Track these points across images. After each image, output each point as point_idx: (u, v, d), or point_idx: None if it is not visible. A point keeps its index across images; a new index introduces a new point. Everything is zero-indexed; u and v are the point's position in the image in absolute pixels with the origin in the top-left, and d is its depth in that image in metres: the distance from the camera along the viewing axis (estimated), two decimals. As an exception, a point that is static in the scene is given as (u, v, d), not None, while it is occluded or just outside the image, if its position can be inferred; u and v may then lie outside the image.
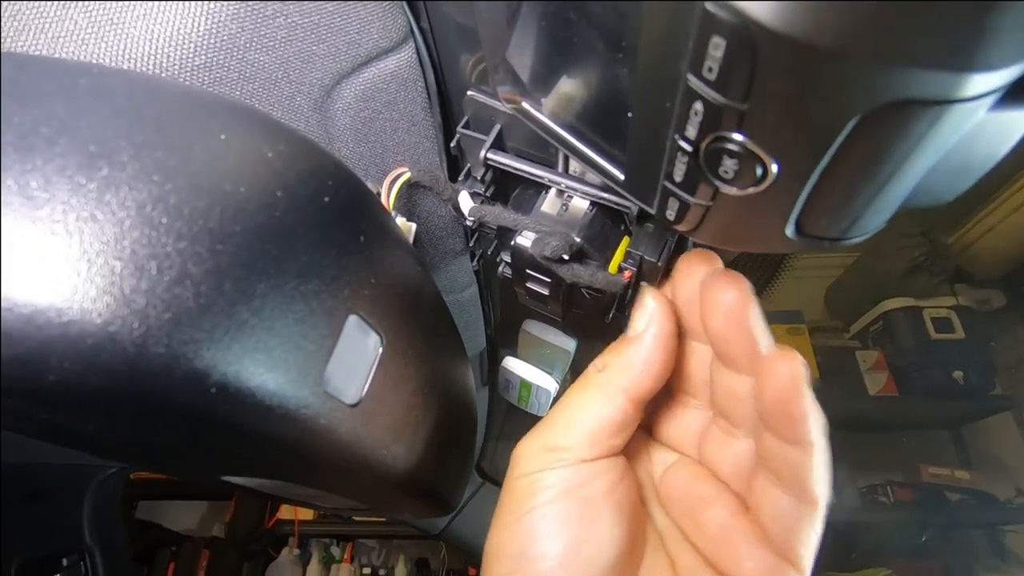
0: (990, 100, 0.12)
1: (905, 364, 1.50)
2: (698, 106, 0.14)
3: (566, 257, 0.27)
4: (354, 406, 0.18)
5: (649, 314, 0.22)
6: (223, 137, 0.15)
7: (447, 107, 0.30)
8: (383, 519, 1.47)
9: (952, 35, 0.10)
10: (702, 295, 0.20)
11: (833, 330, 1.71)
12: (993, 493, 1.46)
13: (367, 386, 0.18)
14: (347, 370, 0.17)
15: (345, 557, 1.55)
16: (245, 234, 0.14)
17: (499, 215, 0.28)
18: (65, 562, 0.44)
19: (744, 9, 0.11)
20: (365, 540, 1.63)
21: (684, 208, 0.17)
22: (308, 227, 0.15)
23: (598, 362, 0.23)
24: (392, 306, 0.19)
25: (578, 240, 0.28)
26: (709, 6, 0.12)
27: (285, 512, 1.52)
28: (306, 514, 1.53)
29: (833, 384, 1.51)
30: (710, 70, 0.13)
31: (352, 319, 0.17)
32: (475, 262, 0.40)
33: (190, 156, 0.14)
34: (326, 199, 0.16)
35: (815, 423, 0.18)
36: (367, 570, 1.54)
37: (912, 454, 1.58)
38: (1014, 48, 0.11)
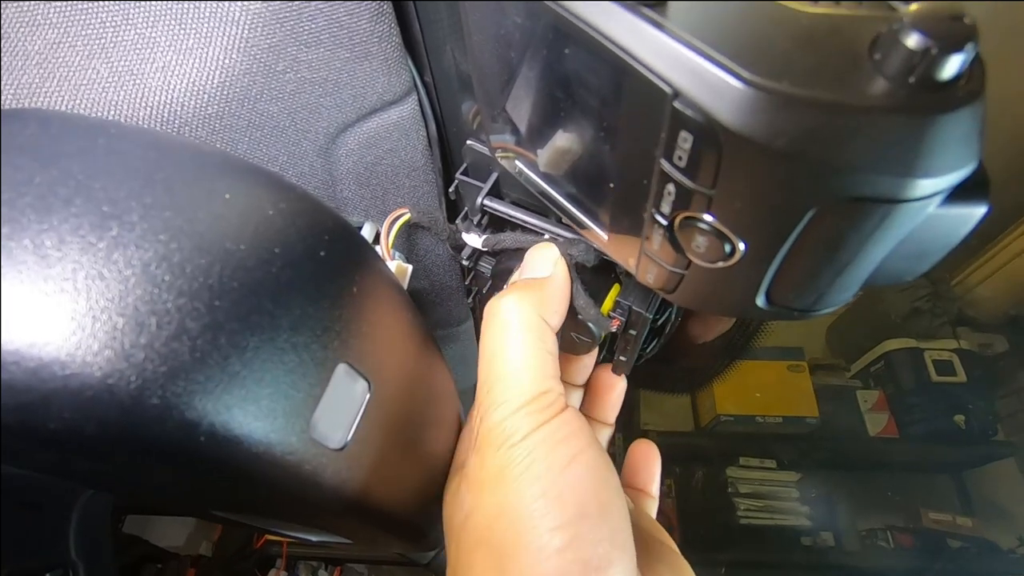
0: (938, 199, 0.13)
1: (906, 406, 1.49)
2: (671, 187, 0.15)
3: (589, 264, 0.27)
4: (339, 450, 0.18)
5: (555, 259, 0.25)
6: (227, 196, 0.16)
7: (447, 154, 0.31)
8: (371, 544, 1.45)
9: (898, 145, 0.11)
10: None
11: (834, 368, 1.71)
12: (995, 541, 1.43)
13: (353, 431, 0.19)
14: (334, 416, 0.18)
15: (333, 580, 1.53)
16: (242, 290, 0.15)
17: (517, 238, 0.29)
18: None
19: (708, 109, 0.12)
20: (354, 565, 1.61)
21: (661, 274, 0.18)
22: (303, 281, 0.16)
23: (508, 305, 0.23)
24: (380, 353, 0.20)
25: (598, 254, 0.28)
26: (678, 104, 0.13)
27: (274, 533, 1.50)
28: (295, 535, 1.51)
29: (833, 423, 1.50)
30: (680, 158, 0.14)
31: (341, 367, 0.18)
32: (470, 299, 0.41)
33: (195, 216, 0.15)
34: (322, 253, 0.17)
35: None
36: (355, 595, 1.51)
37: (913, 498, 1.56)
38: (955, 157, 0.12)
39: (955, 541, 1.45)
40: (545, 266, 0.25)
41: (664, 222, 0.16)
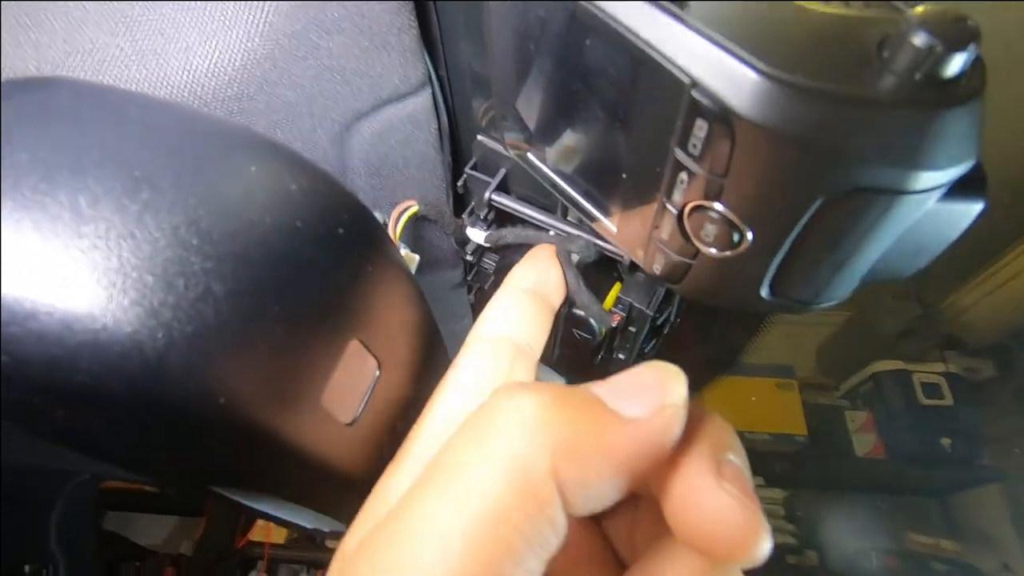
0: (937, 193, 0.13)
1: (893, 427, 1.51)
2: (683, 176, 0.15)
3: (589, 260, 0.27)
4: (349, 425, 0.19)
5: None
6: (253, 169, 0.16)
7: (457, 148, 0.31)
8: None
9: (904, 138, 0.12)
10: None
11: (823, 387, 1.72)
12: (979, 566, 1.44)
13: (362, 407, 0.19)
14: (345, 391, 0.18)
15: (315, 585, 1.51)
16: (266, 259, 0.15)
17: (519, 234, 0.29)
18: (28, 569, 0.43)
19: (724, 99, 0.13)
20: (337, 568, 1.59)
21: (669, 263, 0.18)
22: (322, 256, 0.17)
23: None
24: (391, 333, 0.21)
25: (597, 251, 0.28)
26: (695, 94, 0.13)
27: (257, 534, 1.48)
28: (278, 537, 1.49)
29: (820, 443, 1.51)
30: (694, 147, 0.14)
31: (353, 343, 0.18)
32: (471, 295, 0.42)
33: (223, 186, 0.15)
34: (340, 231, 0.18)
35: None
36: (336, 600, 1.49)
37: (898, 520, 1.57)
38: (956, 151, 0.12)
39: (939, 564, 1.46)
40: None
41: (674, 210, 0.16)
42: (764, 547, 0.12)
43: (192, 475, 0.18)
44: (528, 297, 0.21)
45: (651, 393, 0.13)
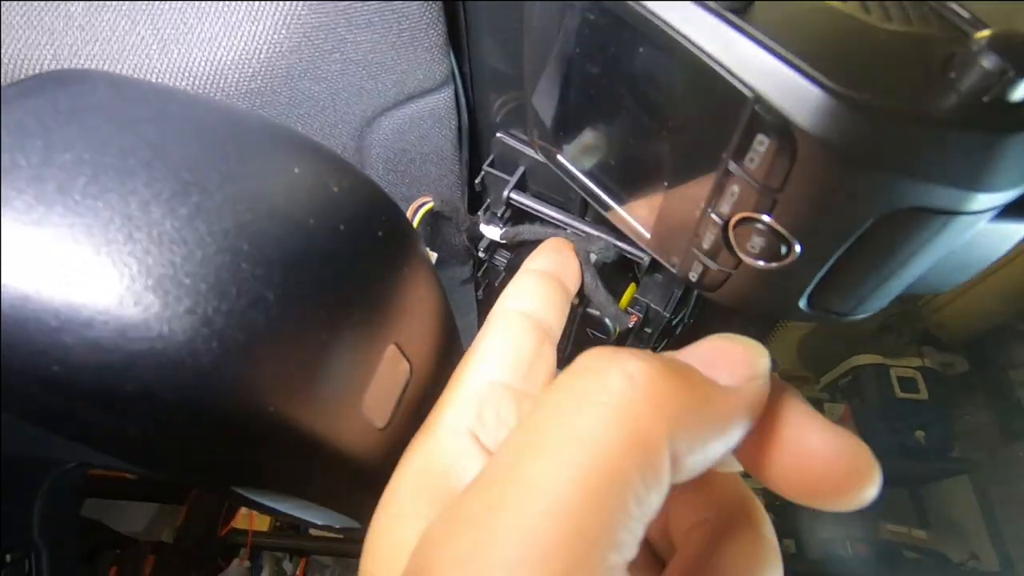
0: (991, 214, 0.13)
1: (870, 420, 1.54)
2: (735, 188, 0.15)
3: (608, 261, 0.27)
4: (382, 429, 0.18)
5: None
6: (297, 171, 0.16)
7: (475, 146, 0.31)
8: (340, 536, 1.43)
9: (967, 159, 0.12)
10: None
11: (804, 380, 1.75)
12: (947, 554, 1.49)
13: (394, 411, 0.19)
14: (381, 395, 0.18)
15: (297, 573, 1.50)
16: (314, 264, 0.15)
17: (536, 231, 0.29)
18: (8, 558, 0.42)
19: (789, 114, 0.13)
20: (319, 557, 1.58)
21: (708, 273, 0.18)
22: (364, 259, 0.17)
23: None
24: (422, 335, 0.20)
25: (617, 251, 0.28)
26: (758, 108, 0.13)
27: (239, 521, 1.47)
28: (261, 525, 1.48)
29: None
30: (752, 160, 0.14)
31: (391, 348, 0.18)
32: (479, 292, 0.41)
33: (270, 188, 0.15)
34: (380, 233, 0.17)
35: None
36: (319, 588, 1.48)
37: (872, 510, 1.61)
38: (1015, 174, 0.13)
39: (910, 553, 1.51)
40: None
41: (720, 221, 0.16)
42: (878, 480, 0.12)
43: (225, 479, 0.18)
44: (549, 279, 0.21)
45: (741, 365, 0.13)
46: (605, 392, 0.12)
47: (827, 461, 0.13)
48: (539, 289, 0.21)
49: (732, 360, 0.13)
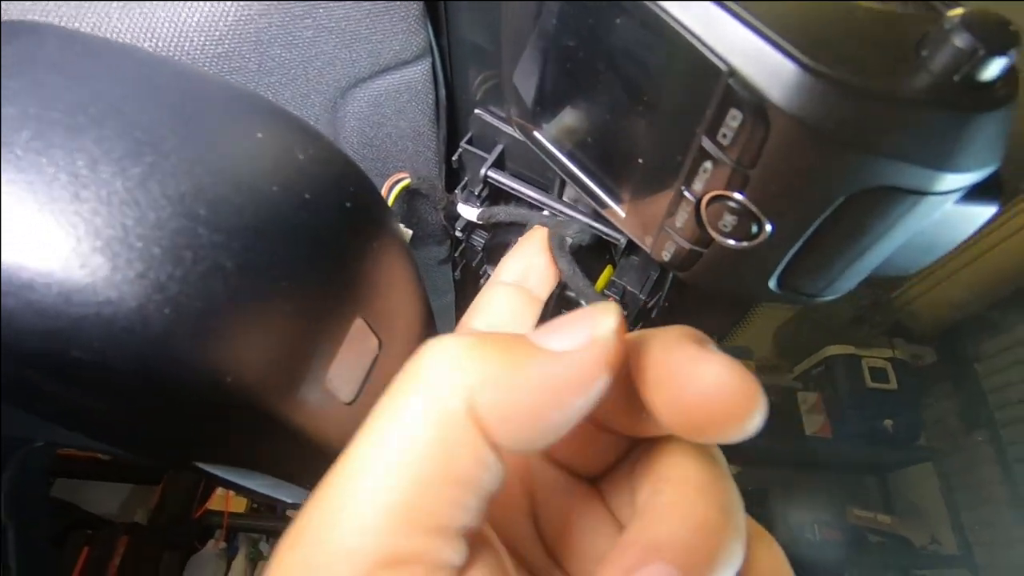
0: (957, 195, 0.13)
1: (841, 408, 1.58)
2: (708, 165, 0.15)
3: (584, 243, 0.27)
4: (349, 404, 0.18)
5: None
6: (260, 136, 0.15)
7: (453, 122, 0.31)
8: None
9: (936, 139, 0.12)
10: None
11: (778, 369, 1.78)
12: (910, 538, 1.54)
13: (362, 386, 0.19)
14: (348, 370, 0.18)
15: (275, 554, 1.50)
16: (277, 233, 0.14)
17: (512, 212, 0.29)
18: None
19: (763, 89, 0.13)
20: (298, 538, 1.58)
21: (680, 252, 0.18)
22: (330, 230, 0.16)
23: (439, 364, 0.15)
24: (391, 310, 0.20)
25: (593, 233, 0.28)
26: (732, 82, 0.13)
27: (215, 502, 1.45)
28: (237, 506, 1.47)
29: (773, 422, 1.57)
30: (724, 136, 0.14)
31: (358, 322, 0.18)
32: (456, 272, 0.41)
33: (230, 153, 0.14)
34: (348, 205, 0.17)
35: None
36: (296, 569, 1.48)
37: (840, 495, 1.66)
38: (982, 156, 0.13)
39: (875, 536, 1.56)
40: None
41: (693, 199, 0.16)
42: (763, 409, 0.12)
43: (184, 452, 0.18)
44: (516, 294, 0.21)
45: (581, 327, 0.12)
46: (416, 378, 0.12)
47: (721, 392, 0.12)
48: (507, 307, 0.20)
49: (573, 324, 0.13)
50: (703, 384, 0.12)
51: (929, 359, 1.67)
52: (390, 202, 0.30)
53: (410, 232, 0.29)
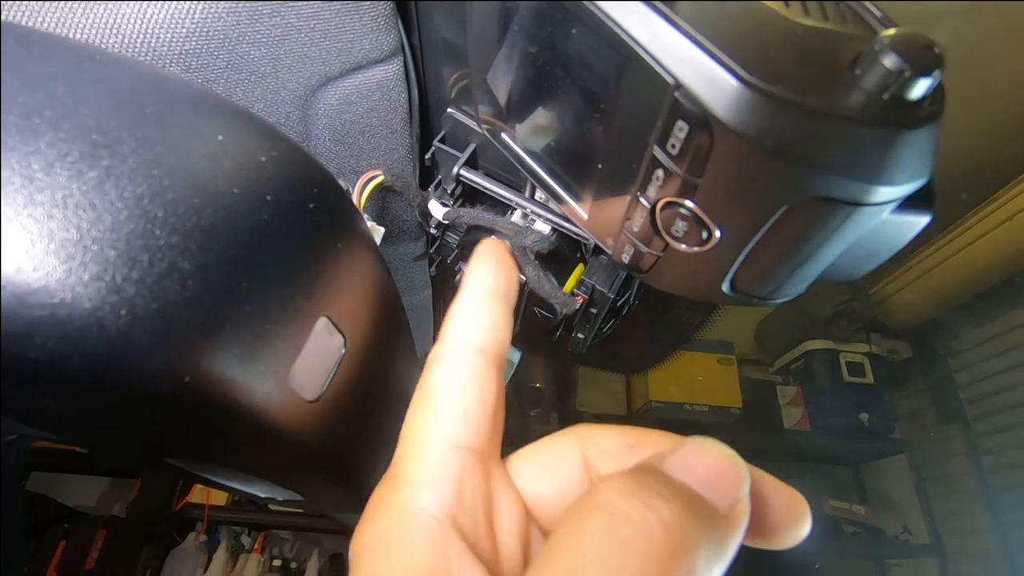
0: (892, 206, 0.14)
1: (820, 402, 1.61)
2: (660, 173, 0.16)
3: (544, 251, 0.27)
4: (313, 402, 0.18)
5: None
6: (220, 138, 0.15)
7: (426, 120, 0.31)
8: (300, 510, 1.42)
9: (868, 154, 0.13)
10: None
11: (759, 363, 1.81)
12: (883, 528, 1.58)
13: (327, 385, 0.19)
14: (311, 368, 0.18)
15: (255, 547, 1.49)
16: (234, 234, 0.14)
17: (476, 215, 0.29)
18: None
19: (706, 103, 0.13)
20: (279, 531, 1.57)
21: (638, 255, 0.19)
22: (292, 231, 0.16)
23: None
24: (358, 309, 0.20)
25: (554, 239, 0.28)
26: (678, 95, 0.14)
27: (196, 495, 1.44)
28: (217, 499, 1.46)
29: (753, 415, 1.60)
30: (673, 146, 0.15)
31: (321, 321, 0.18)
32: (432, 268, 0.41)
33: (189, 155, 0.14)
34: (311, 205, 0.17)
35: None
36: (278, 562, 1.47)
37: (817, 486, 1.69)
38: (912, 171, 0.13)
39: (849, 526, 1.59)
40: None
41: (648, 205, 0.17)
42: (810, 520, 0.16)
43: (150, 450, 0.18)
44: (491, 299, 0.20)
45: (732, 486, 0.14)
46: (643, 538, 0.13)
47: (778, 508, 0.15)
48: (484, 315, 0.19)
49: (725, 482, 0.14)
50: (775, 505, 0.16)
51: (904, 354, 1.70)
52: (363, 199, 0.30)
53: (382, 230, 0.29)
